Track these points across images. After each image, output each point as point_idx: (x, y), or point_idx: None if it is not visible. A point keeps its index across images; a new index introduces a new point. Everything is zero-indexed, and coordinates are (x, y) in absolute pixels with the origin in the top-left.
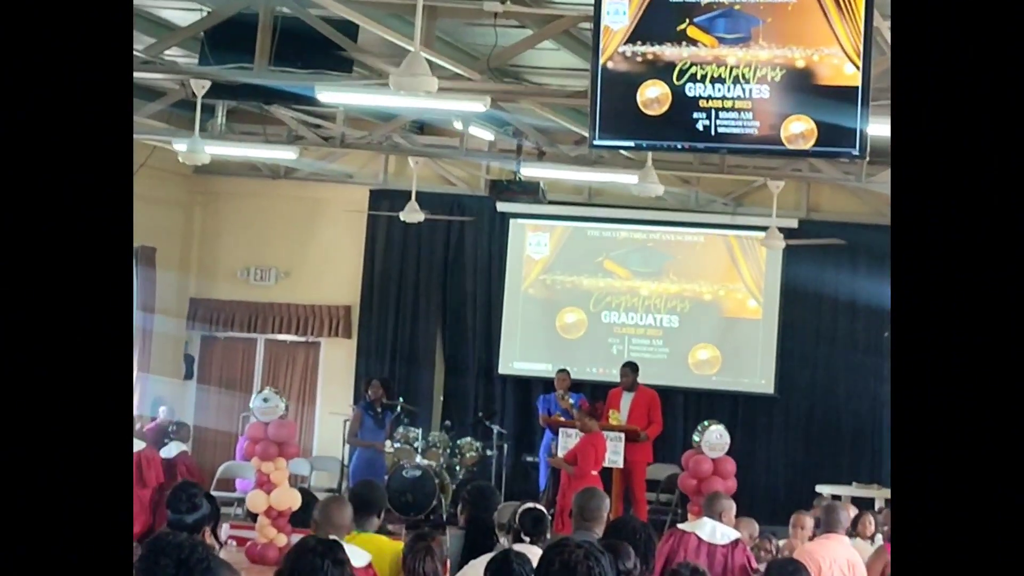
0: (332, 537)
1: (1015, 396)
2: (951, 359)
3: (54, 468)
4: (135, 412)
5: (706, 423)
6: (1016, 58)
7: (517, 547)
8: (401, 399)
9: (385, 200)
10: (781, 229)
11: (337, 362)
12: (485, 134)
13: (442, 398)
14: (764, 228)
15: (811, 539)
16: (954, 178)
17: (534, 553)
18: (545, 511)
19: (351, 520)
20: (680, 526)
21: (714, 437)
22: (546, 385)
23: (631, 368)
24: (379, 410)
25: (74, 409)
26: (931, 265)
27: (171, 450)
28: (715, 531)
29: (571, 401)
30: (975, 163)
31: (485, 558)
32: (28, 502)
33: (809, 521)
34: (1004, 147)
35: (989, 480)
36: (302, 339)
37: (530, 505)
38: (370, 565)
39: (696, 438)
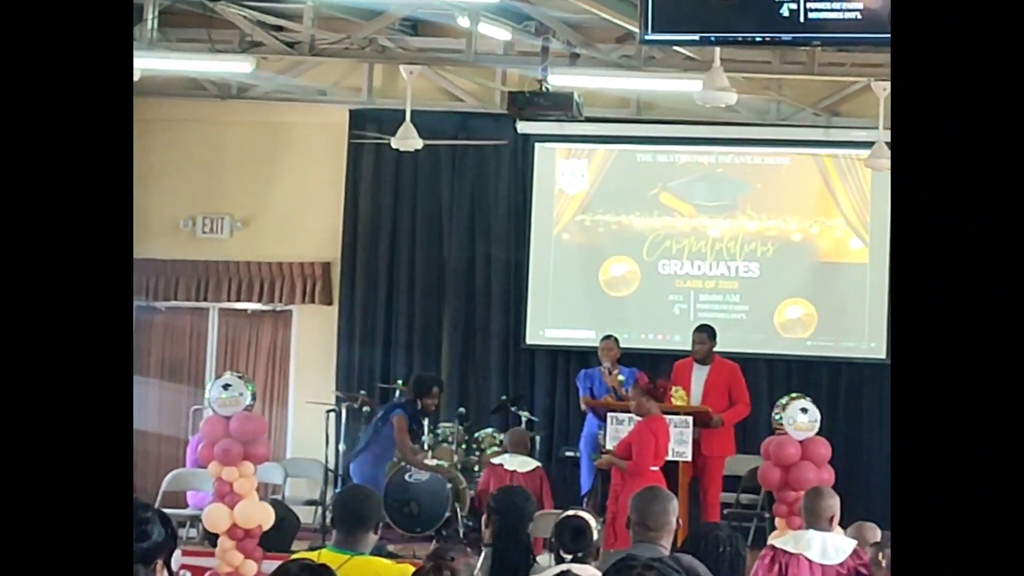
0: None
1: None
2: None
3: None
4: None
5: (790, 395)
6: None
7: (564, 568)
8: (399, 381)
9: (371, 123)
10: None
11: (314, 336)
12: (500, 33)
13: (453, 378)
14: (869, 144)
15: None
16: (955, 179)
17: (590, 575)
18: (589, 520)
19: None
20: (778, 543)
21: (798, 413)
22: (588, 358)
23: (708, 334)
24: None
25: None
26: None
27: None
28: (827, 546)
29: (621, 377)
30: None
31: None
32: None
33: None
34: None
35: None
36: (268, 308)
37: (570, 513)
38: None
39: (776, 416)
